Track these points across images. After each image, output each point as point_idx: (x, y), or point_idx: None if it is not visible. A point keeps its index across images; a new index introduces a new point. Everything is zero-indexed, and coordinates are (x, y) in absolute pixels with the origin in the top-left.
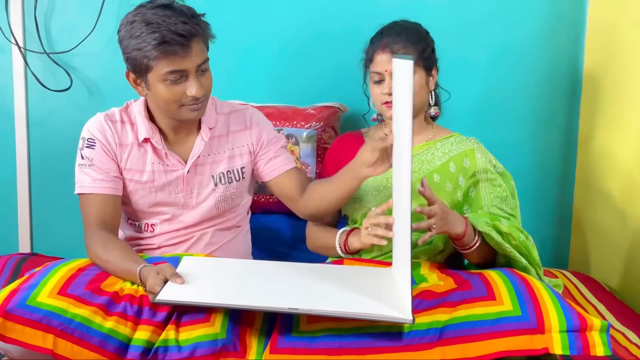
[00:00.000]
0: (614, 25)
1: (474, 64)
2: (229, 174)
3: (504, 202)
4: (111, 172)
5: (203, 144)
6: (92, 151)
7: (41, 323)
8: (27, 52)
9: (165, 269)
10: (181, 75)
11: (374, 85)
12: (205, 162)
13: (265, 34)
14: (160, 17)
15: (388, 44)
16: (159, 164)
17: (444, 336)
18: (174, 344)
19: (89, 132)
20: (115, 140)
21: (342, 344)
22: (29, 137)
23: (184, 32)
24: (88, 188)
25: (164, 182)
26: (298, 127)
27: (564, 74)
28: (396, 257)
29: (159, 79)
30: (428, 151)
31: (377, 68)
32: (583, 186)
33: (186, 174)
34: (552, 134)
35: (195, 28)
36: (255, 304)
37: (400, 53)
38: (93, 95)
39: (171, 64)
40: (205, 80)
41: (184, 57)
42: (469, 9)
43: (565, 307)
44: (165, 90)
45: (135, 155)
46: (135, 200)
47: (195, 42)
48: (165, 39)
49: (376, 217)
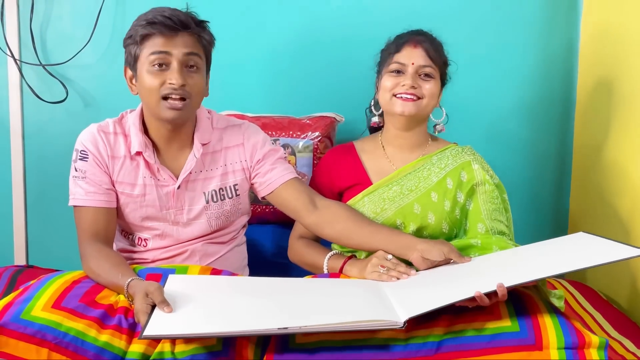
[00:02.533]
0: (608, 31)
1: (468, 69)
2: (222, 191)
3: (502, 215)
4: (104, 184)
5: (195, 160)
6: (85, 163)
7: (35, 337)
8: (23, 64)
9: (154, 292)
10: (165, 60)
11: (390, 76)
12: (197, 178)
13: (262, 44)
14: (158, 8)
15: (421, 41)
16: (151, 178)
17: (441, 350)
18: (170, 356)
19: (82, 144)
20: (108, 152)
21: (338, 356)
22: (24, 148)
23: (173, 18)
24: (81, 200)
25: (155, 196)
26: (294, 137)
27: (559, 79)
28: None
29: (144, 64)
30: (424, 167)
31: (404, 59)
32: (579, 195)
33: (177, 190)
34: (548, 140)
35: (188, 20)
36: (245, 329)
37: (432, 53)
38: (89, 107)
39: (155, 45)
40: (192, 79)
41: (168, 39)
42: (463, 14)
43: (564, 323)
44: (147, 77)
45: (128, 168)
46: (127, 213)
47: (184, 32)
48: (154, 20)
49: (394, 266)
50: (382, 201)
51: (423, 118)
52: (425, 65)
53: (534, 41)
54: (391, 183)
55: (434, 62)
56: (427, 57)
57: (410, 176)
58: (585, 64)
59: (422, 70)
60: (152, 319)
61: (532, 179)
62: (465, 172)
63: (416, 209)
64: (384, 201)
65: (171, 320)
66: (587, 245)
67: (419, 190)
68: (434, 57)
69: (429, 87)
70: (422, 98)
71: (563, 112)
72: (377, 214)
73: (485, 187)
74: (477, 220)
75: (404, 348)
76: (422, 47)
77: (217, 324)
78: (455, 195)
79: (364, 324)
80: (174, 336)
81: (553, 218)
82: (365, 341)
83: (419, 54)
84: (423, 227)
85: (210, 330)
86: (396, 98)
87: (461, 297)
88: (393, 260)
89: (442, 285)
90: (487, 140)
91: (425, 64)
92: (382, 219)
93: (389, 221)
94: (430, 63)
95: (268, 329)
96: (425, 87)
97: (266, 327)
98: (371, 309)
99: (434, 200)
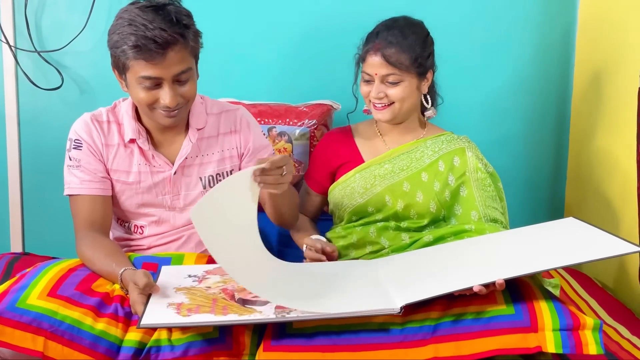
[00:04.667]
0: (604, 24)
1: (465, 62)
2: (219, 177)
3: (496, 202)
4: (99, 172)
5: (190, 145)
6: (79, 152)
7: (31, 325)
8: (18, 51)
9: (138, 281)
10: (156, 82)
11: (363, 83)
12: (193, 163)
13: (258, 32)
14: (143, 19)
15: (381, 47)
16: (146, 165)
17: (437, 333)
18: (167, 343)
19: (76, 132)
20: (102, 140)
21: (336, 340)
22: (20, 136)
23: (159, 39)
24: (76, 189)
25: (151, 183)
26: (291, 124)
27: (556, 73)
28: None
29: (134, 80)
30: (417, 149)
31: (368, 69)
32: (575, 184)
33: (173, 176)
34: (544, 132)
35: (173, 37)
36: (243, 319)
37: (393, 59)
38: (84, 94)
39: (145, 69)
40: (184, 90)
41: (157, 64)
42: (460, 7)
43: (558, 306)
44: (140, 92)
45: (122, 155)
46: (123, 201)
47: (172, 51)
48: (138, 43)
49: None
50: (372, 177)
51: (406, 114)
52: (388, 74)
53: (530, 29)
54: (383, 161)
55: (397, 67)
56: (387, 65)
57: (403, 156)
58: (582, 54)
59: (386, 78)
60: (149, 307)
61: (528, 168)
62: (459, 158)
63: (405, 187)
64: (375, 177)
65: (166, 310)
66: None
67: (410, 170)
68: (396, 62)
69: (395, 92)
70: (392, 103)
71: (559, 101)
72: (366, 189)
73: (477, 175)
74: (470, 207)
75: (401, 332)
76: (382, 55)
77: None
78: (447, 177)
79: (363, 312)
80: (172, 324)
81: (549, 206)
82: (362, 325)
83: (379, 64)
84: (410, 205)
85: (207, 319)
86: (373, 105)
87: (459, 287)
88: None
89: (440, 273)
90: (483, 129)
91: (387, 73)
92: (371, 194)
93: (378, 196)
94: (392, 70)
95: (265, 318)
96: (391, 93)
97: (263, 316)
98: (368, 298)
99: (424, 180)
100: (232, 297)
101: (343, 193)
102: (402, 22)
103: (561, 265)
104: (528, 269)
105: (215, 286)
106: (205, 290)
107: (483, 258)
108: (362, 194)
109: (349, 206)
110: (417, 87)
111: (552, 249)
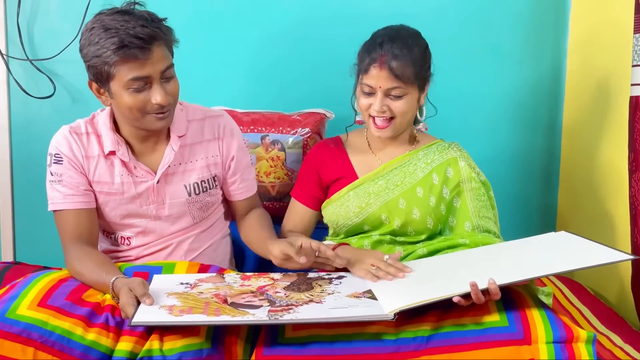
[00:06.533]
0: (596, 30)
1: (456, 67)
2: (203, 183)
3: (489, 211)
4: (81, 185)
5: (173, 153)
6: (60, 167)
7: (20, 336)
8: (10, 59)
9: (136, 287)
10: (145, 82)
11: (363, 96)
12: (177, 171)
13: (252, 39)
14: (119, 22)
15: (387, 60)
16: (128, 175)
17: (430, 344)
18: (159, 354)
19: (55, 147)
20: (82, 153)
21: (329, 350)
22: (11, 144)
23: (143, 35)
24: (60, 204)
25: (134, 193)
26: (284, 133)
27: (548, 77)
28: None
29: (122, 86)
30: (410, 162)
31: (371, 82)
32: (567, 191)
33: (156, 185)
34: (536, 138)
35: (156, 31)
36: (235, 319)
37: (399, 72)
38: (76, 102)
39: (133, 70)
40: (171, 88)
41: (145, 61)
42: (453, 12)
43: (552, 318)
44: (129, 98)
45: (103, 167)
46: (107, 212)
47: (156, 46)
48: (124, 42)
49: (387, 267)
50: (367, 195)
51: (404, 128)
52: (393, 87)
53: (522, 38)
54: (377, 177)
55: (402, 81)
56: (394, 79)
57: (396, 171)
58: (574, 61)
59: (390, 92)
60: (140, 308)
61: (520, 177)
62: (452, 169)
63: (401, 204)
64: (369, 195)
65: (158, 311)
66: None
67: (404, 185)
68: (402, 75)
69: (398, 106)
70: (394, 117)
71: (551, 110)
72: (361, 208)
73: (471, 185)
74: (464, 218)
75: (394, 342)
76: (388, 68)
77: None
78: (441, 191)
79: (353, 317)
80: (163, 323)
81: (541, 215)
82: (355, 335)
83: (385, 77)
84: (408, 222)
85: (199, 318)
86: (372, 120)
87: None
88: (389, 261)
89: (431, 283)
90: (474, 137)
91: (392, 86)
92: (367, 213)
93: (374, 216)
94: (397, 84)
95: (258, 320)
96: (394, 106)
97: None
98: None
99: (420, 196)
100: (225, 301)
101: (338, 212)
102: (404, 33)
103: (553, 272)
104: (520, 275)
105: (207, 292)
106: (197, 295)
107: (476, 267)
108: (357, 213)
109: (344, 226)
110: (417, 100)
111: (544, 258)
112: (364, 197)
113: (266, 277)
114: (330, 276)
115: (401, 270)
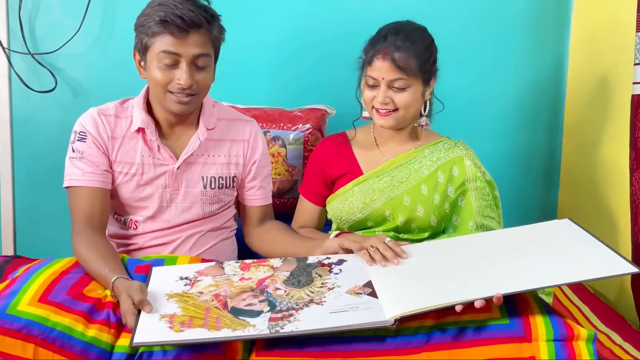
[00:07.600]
0: (597, 29)
1: (458, 65)
2: (221, 179)
3: (493, 211)
4: (101, 165)
5: (198, 142)
6: (83, 144)
7: (21, 332)
8: (11, 53)
9: (134, 293)
10: (175, 60)
11: (367, 88)
12: (197, 161)
13: (253, 36)
14: (174, 1)
15: (390, 52)
16: (149, 156)
17: (431, 342)
18: (159, 349)
19: (81, 125)
20: (108, 133)
21: (329, 347)
22: (12, 138)
23: (186, 17)
24: (77, 181)
25: (152, 175)
26: (285, 129)
27: (549, 75)
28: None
29: (154, 58)
30: (416, 159)
31: (374, 74)
32: (568, 189)
33: (176, 170)
34: (537, 136)
35: (199, 19)
36: (236, 335)
37: (402, 63)
38: (78, 97)
39: (165, 44)
40: (201, 77)
41: (179, 40)
42: (454, 10)
43: (553, 317)
44: (157, 72)
45: (126, 147)
46: (123, 192)
47: (195, 32)
48: (167, 18)
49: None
50: (371, 191)
51: (408, 122)
52: (396, 79)
53: (525, 37)
54: (382, 174)
55: (405, 72)
56: (396, 70)
57: (402, 168)
58: (575, 59)
59: (393, 84)
60: (141, 323)
61: (521, 174)
62: (457, 167)
63: (405, 201)
64: (374, 191)
65: (159, 323)
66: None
67: (409, 182)
68: (405, 67)
69: (401, 98)
70: (397, 109)
71: (553, 108)
72: (366, 204)
73: (476, 184)
74: (468, 217)
75: (394, 339)
76: (391, 59)
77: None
78: (446, 189)
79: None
80: (165, 342)
81: (542, 212)
82: (355, 332)
83: (388, 68)
84: (411, 219)
85: (200, 335)
86: (375, 111)
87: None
88: (389, 244)
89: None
90: (475, 135)
91: (395, 77)
92: (371, 209)
93: (378, 212)
94: (400, 75)
95: (258, 334)
96: (397, 99)
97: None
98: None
99: (424, 193)
100: (225, 305)
101: (342, 207)
102: (409, 27)
103: (558, 283)
104: (525, 285)
105: (207, 290)
106: (197, 297)
107: (480, 268)
108: (361, 209)
109: (347, 221)
110: (422, 94)
111: (550, 263)
112: (369, 193)
113: (266, 265)
114: (330, 261)
115: (397, 256)
